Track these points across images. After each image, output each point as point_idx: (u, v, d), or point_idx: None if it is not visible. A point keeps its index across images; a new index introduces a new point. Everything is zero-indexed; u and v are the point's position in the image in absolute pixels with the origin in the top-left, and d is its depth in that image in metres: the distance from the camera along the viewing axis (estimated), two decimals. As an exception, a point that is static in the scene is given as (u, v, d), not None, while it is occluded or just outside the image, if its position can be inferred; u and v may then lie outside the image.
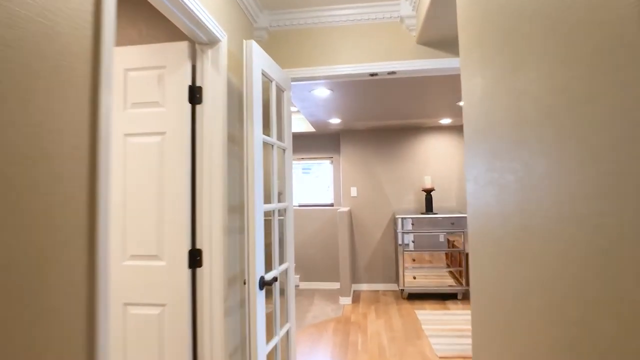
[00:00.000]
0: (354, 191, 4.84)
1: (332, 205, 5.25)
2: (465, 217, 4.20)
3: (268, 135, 1.83)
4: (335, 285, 4.98)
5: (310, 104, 3.49)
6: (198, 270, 1.64)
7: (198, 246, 1.64)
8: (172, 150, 1.64)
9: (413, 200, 4.75)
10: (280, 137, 2.12)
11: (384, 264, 4.80)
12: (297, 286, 5.08)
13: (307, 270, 5.10)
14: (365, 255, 4.83)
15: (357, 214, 4.84)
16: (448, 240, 4.25)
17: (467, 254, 4.19)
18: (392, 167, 4.79)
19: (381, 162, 4.81)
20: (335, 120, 4.24)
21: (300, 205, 5.31)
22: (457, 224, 4.22)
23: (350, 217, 4.81)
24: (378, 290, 4.77)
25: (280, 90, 2.10)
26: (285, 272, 2.06)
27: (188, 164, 1.64)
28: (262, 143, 1.68)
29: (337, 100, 3.39)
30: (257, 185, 1.61)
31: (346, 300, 4.27)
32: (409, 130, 4.77)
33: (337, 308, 4.14)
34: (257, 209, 1.60)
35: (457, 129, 4.69)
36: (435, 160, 4.73)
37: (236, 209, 1.88)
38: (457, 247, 4.22)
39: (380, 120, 4.28)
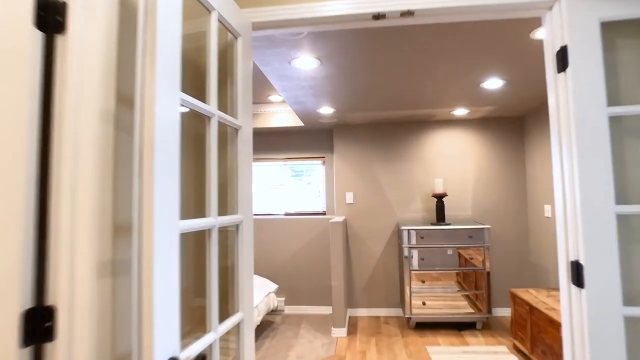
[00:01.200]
0: (349, 197, 4.06)
1: (323, 213, 4.47)
2: (486, 229, 3.43)
3: (203, 102, 1.05)
4: (327, 310, 4.18)
5: (293, 84, 2.73)
6: (47, 347, 0.85)
7: (48, 302, 0.85)
8: None
9: (421, 209, 3.97)
10: (231, 110, 1.35)
11: (387, 285, 4.01)
12: (281, 312, 4.27)
13: (293, 293, 4.29)
14: (363, 274, 4.03)
15: (354, 224, 4.06)
16: (463, 257, 3.47)
17: (488, 273, 3.41)
18: (396, 168, 4.02)
19: (382, 162, 4.04)
20: (326, 110, 3.48)
21: (286, 214, 4.52)
22: (476, 237, 3.45)
23: (346, 228, 4.03)
24: (379, 317, 3.97)
25: (231, 35, 1.33)
26: (237, 329, 1.26)
27: (28, 143, 0.85)
28: (178, 109, 0.90)
29: (328, 78, 2.63)
30: (162, 185, 0.84)
31: (340, 332, 3.47)
32: (416, 124, 4.02)
33: (329, 342, 3.34)
34: (158, 227, 0.82)
35: (474, 122, 3.94)
36: (448, 160, 3.97)
37: (132, 228, 1.09)
38: (476, 266, 3.44)
39: (382, 110, 3.52)
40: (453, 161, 3.96)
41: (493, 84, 2.74)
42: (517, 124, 3.89)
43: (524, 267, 3.82)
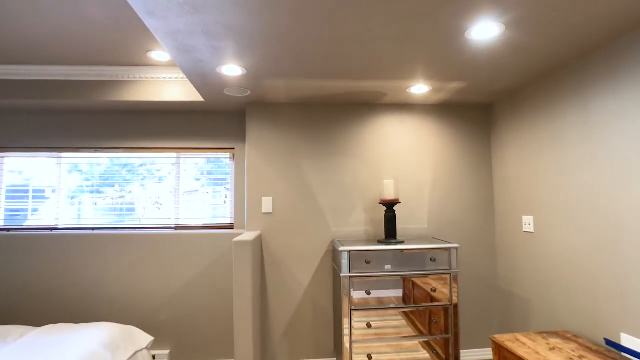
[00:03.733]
0: (267, 204, 2.88)
1: (231, 227, 3.22)
2: (452, 249, 2.51)
3: None
4: (232, 366, 2.92)
5: (172, 11, 1.50)
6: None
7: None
8: None
9: (364, 220, 2.94)
10: None
11: (317, 328, 2.88)
12: (159, 376, 2.90)
13: (183, 343, 2.95)
14: (284, 313, 2.86)
15: (272, 242, 2.88)
16: (421, 289, 2.50)
17: (455, 309, 2.48)
18: (331, 165, 2.95)
19: (313, 156, 2.95)
20: (233, 70, 2.28)
21: (177, 228, 3.18)
22: (440, 261, 2.50)
23: (260, 249, 2.83)
24: (305, 375, 2.82)
25: None
26: None
27: None
28: None
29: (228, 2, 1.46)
30: None
31: (246, 413, 2.24)
32: (360, 107, 3.01)
33: None
34: None
35: (433, 109, 3.05)
36: (399, 157, 3.01)
37: None
38: (439, 300, 2.49)
39: (313, 77, 2.43)
40: (406, 158, 3.01)
41: (486, 31, 1.80)
42: (484, 113, 3.09)
43: (493, 297, 2.98)
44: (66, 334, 2.35)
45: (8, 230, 3.12)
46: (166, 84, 2.91)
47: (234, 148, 3.25)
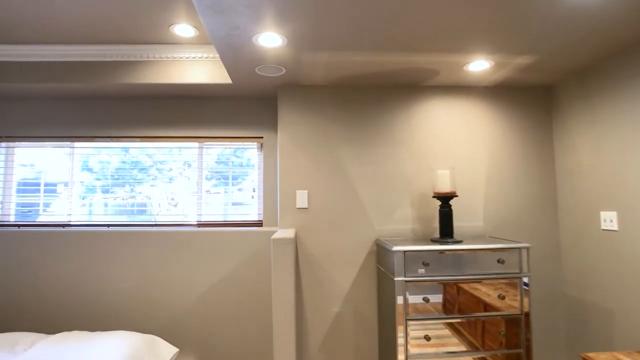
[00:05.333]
0: (302, 198, 2.57)
1: (260, 224, 2.91)
2: (523, 250, 2.16)
3: None
4: (264, 380, 2.61)
5: None
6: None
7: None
8: None
9: (411, 217, 2.61)
10: None
11: (359, 338, 2.55)
12: (184, 390, 2.61)
13: (208, 353, 2.66)
14: (321, 321, 2.54)
15: (308, 240, 2.56)
16: (479, 298, 2.15)
17: (527, 318, 2.13)
18: (373, 154, 2.62)
19: (353, 145, 2.62)
20: (272, 40, 1.97)
21: (199, 224, 2.89)
22: (509, 263, 2.16)
23: (296, 248, 2.52)
24: (347, 392, 2.49)
25: None
26: None
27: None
28: None
29: None
30: None
31: None
32: (407, 90, 2.67)
33: None
34: None
35: (489, 92, 2.70)
36: (451, 146, 2.67)
37: None
38: (504, 310, 2.14)
39: (363, 49, 2.11)
40: (457, 148, 2.67)
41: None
42: (544, 96, 2.73)
43: (558, 306, 2.61)
44: (81, 344, 2.07)
45: (19, 226, 2.86)
46: (189, 65, 2.62)
47: (262, 137, 2.94)
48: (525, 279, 2.15)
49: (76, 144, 2.93)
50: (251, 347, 2.66)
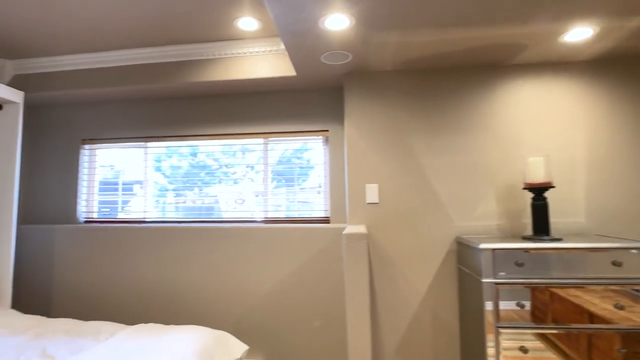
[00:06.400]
0: (372, 193, 2.40)
1: (326, 220, 2.80)
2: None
3: None
4: (334, 384, 2.48)
5: None
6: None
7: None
8: None
9: (496, 212, 2.32)
10: None
11: (438, 346, 2.32)
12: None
13: (276, 351, 2.59)
14: (396, 327, 2.35)
15: (380, 238, 2.39)
16: (584, 308, 1.82)
17: (645, 336, 1.76)
18: (450, 143, 2.38)
19: (427, 133, 2.40)
20: (339, 22, 1.84)
21: (266, 221, 2.84)
22: (628, 266, 1.80)
23: (368, 246, 2.35)
24: (426, 404, 2.28)
25: None
26: None
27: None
28: None
29: None
30: None
31: None
32: (484, 70, 2.39)
33: None
34: None
35: (592, 63, 2.33)
36: (540, 129, 2.34)
37: None
38: (628, 323, 1.79)
39: (439, 25, 1.89)
40: (549, 133, 2.33)
41: None
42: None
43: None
44: (156, 337, 2.09)
45: (101, 222, 3.04)
46: (253, 60, 2.58)
47: (327, 130, 2.82)
48: (648, 285, 1.79)
49: (149, 143, 3.05)
50: (319, 345, 2.55)
